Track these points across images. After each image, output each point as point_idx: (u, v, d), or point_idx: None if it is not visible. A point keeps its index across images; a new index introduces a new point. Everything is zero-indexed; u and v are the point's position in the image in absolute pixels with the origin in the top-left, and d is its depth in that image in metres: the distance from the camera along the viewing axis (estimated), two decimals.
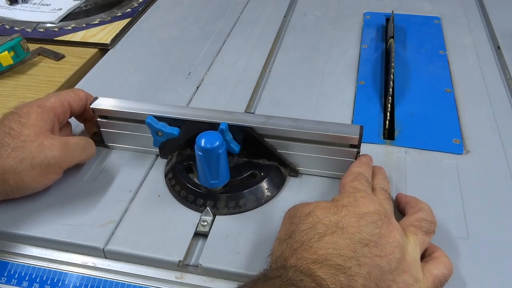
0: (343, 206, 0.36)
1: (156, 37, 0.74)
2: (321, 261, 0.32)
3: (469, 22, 0.75)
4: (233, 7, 0.82)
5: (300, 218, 0.36)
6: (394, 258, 0.33)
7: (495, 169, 0.48)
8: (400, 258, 0.34)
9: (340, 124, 0.45)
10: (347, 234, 0.34)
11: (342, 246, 0.33)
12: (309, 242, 0.33)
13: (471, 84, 0.61)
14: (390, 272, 0.33)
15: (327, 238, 0.33)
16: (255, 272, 0.34)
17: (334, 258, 0.32)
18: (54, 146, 0.42)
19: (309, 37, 0.72)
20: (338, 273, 0.31)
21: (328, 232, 0.34)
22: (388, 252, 0.34)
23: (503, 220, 0.43)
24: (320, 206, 0.36)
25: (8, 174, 0.41)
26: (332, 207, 0.36)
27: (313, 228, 0.34)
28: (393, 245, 0.34)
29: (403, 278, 0.33)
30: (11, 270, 0.41)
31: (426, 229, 0.38)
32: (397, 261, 0.33)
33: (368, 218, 0.35)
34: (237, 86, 0.61)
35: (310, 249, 0.33)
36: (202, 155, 0.41)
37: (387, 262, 0.33)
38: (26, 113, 0.44)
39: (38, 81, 0.64)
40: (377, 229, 0.34)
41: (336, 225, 0.34)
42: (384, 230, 0.35)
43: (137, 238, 0.41)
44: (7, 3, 0.83)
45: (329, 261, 0.32)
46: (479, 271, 0.39)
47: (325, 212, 0.35)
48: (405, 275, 0.34)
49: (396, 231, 0.35)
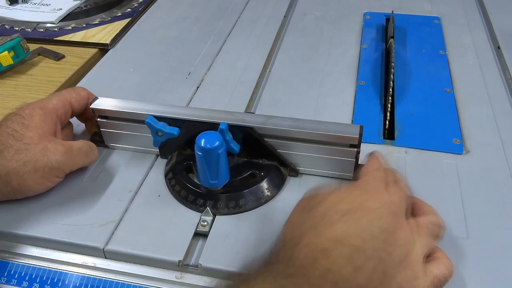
0: (357, 196, 0.36)
1: (156, 37, 0.74)
2: (329, 250, 0.32)
3: (469, 22, 0.75)
4: (233, 7, 0.82)
5: (313, 205, 0.36)
6: (399, 255, 0.33)
7: (495, 169, 0.48)
8: (405, 255, 0.34)
9: (340, 124, 0.45)
10: (358, 225, 0.33)
11: (352, 237, 0.33)
12: (319, 228, 0.33)
13: (471, 84, 0.61)
14: (393, 268, 0.33)
15: (338, 226, 0.33)
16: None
17: (343, 248, 0.32)
18: (57, 151, 0.43)
19: (309, 37, 0.72)
20: (345, 263, 0.31)
21: (341, 220, 0.34)
22: (394, 248, 0.33)
23: (503, 220, 0.43)
24: (334, 194, 0.36)
25: (11, 176, 0.41)
26: (346, 197, 0.36)
27: (325, 215, 0.34)
28: (400, 242, 0.34)
29: (404, 274, 0.33)
30: (11, 270, 0.41)
31: (435, 234, 0.38)
32: (401, 258, 0.33)
33: (380, 213, 0.35)
34: (237, 86, 0.61)
35: (320, 237, 0.33)
36: (202, 155, 0.41)
37: (392, 258, 0.33)
38: (28, 115, 0.44)
39: (38, 81, 0.64)
40: (386, 225, 0.34)
41: (348, 215, 0.34)
42: (394, 226, 0.34)
43: (137, 238, 0.41)
44: (7, 3, 0.83)
45: (337, 250, 0.32)
46: (479, 271, 0.39)
47: (338, 201, 0.35)
48: (407, 272, 0.34)
49: (405, 229, 0.35)
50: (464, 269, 0.39)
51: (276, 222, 0.42)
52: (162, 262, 0.40)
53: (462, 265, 0.39)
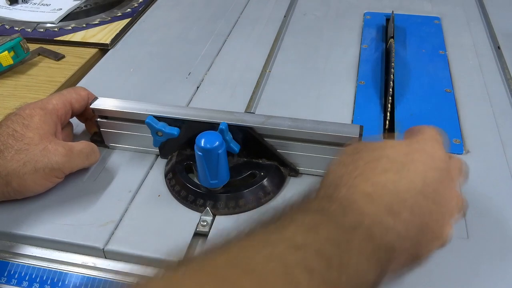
0: (416, 150, 0.34)
1: (156, 37, 0.74)
2: (374, 196, 0.31)
3: (469, 22, 0.75)
4: (233, 7, 0.82)
5: (367, 149, 0.34)
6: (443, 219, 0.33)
7: (495, 169, 0.48)
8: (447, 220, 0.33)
9: (340, 124, 0.45)
10: (410, 178, 0.32)
11: (401, 189, 0.31)
12: (370, 173, 0.32)
13: (471, 84, 0.61)
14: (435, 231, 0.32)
15: (389, 175, 0.32)
16: None
17: (389, 196, 0.31)
18: (58, 152, 0.43)
19: (309, 37, 0.72)
20: (388, 213, 0.30)
21: (393, 169, 0.32)
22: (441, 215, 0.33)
23: (503, 220, 0.43)
24: (392, 143, 0.35)
25: (11, 176, 0.41)
26: (404, 147, 0.34)
27: (377, 161, 0.33)
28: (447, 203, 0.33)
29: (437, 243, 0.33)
30: (11, 270, 0.41)
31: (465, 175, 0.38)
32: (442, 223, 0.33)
33: (437, 173, 0.33)
34: (237, 86, 0.61)
35: (368, 180, 0.32)
36: (202, 155, 0.41)
37: (436, 220, 0.32)
38: (29, 115, 0.44)
39: (38, 81, 0.64)
40: (442, 189, 0.33)
41: (402, 166, 0.32)
42: (447, 193, 0.33)
43: (137, 238, 0.41)
44: (7, 3, 0.83)
45: (383, 198, 0.31)
46: (479, 271, 0.39)
47: (395, 150, 0.34)
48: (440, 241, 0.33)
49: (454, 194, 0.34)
50: (464, 269, 0.39)
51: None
52: (162, 262, 0.40)
53: (462, 265, 0.39)
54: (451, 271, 0.38)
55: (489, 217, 0.43)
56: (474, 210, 0.44)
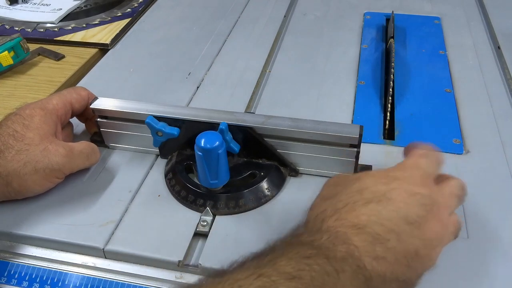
0: (396, 178, 0.35)
1: (156, 37, 0.74)
2: (360, 226, 0.32)
3: (469, 22, 0.75)
4: (233, 7, 0.82)
5: (348, 181, 0.35)
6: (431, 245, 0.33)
7: (495, 169, 0.48)
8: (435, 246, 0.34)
9: (340, 124, 0.45)
10: (393, 206, 0.33)
11: (386, 217, 0.32)
12: (353, 204, 0.33)
13: (471, 84, 0.61)
14: (422, 257, 0.33)
15: (372, 206, 0.33)
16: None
17: (375, 226, 0.32)
18: (58, 152, 0.43)
19: (309, 37, 0.72)
20: (375, 242, 0.31)
21: (375, 199, 0.33)
22: (427, 238, 0.33)
23: (503, 220, 0.43)
24: (371, 174, 0.36)
25: (12, 176, 0.41)
26: (384, 177, 0.35)
27: (359, 192, 0.34)
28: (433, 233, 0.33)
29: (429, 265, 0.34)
30: (11, 270, 0.41)
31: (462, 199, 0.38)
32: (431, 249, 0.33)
33: (419, 199, 0.33)
34: (237, 86, 0.61)
35: (352, 212, 0.33)
36: (202, 155, 0.41)
37: (423, 246, 0.33)
38: (29, 115, 0.44)
39: (38, 81, 0.64)
40: (425, 213, 0.33)
41: (383, 195, 0.33)
42: (431, 216, 0.33)
43: (137, 238, 0.41)
44: (7, 3, 0.83)
45: (369, 228, 0.31)
46: (479, 271, 0.39)
47: (375, 181, 0.35)
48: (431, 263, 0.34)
49: (440, 222, 0.34)
50: (464, 269, 0.39)
51: (276, 222, 0.42)
52: (162, 262, 0.40)
53: (462, 265, 0.39)
54: (451, 271, 0.38)
55: (489, 217, 0.43)
56: (474, 210, 0.44)
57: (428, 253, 0.33)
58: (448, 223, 0.35)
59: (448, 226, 0.35)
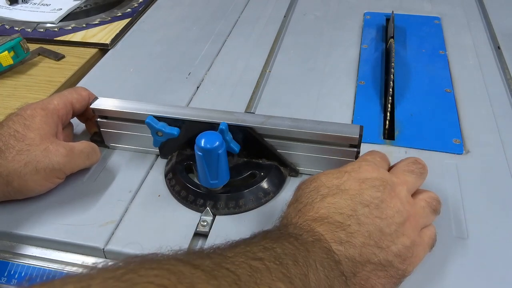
0: (346, 171, 0.38)
1: (156, 37, 0.74)
2: (321, 219, 0.34)
3: (469, 22, 0.75)
4: (233, 7, 0.82)
5: (306, 184, 0.38)
6: (394, 222, 0.35)
7: (495, 169, 0.48)
8: (400, 223, 0.35)
9: (340, 124, 0.45)
10: (348, 195, 0.36)
11: (343, 206, 0.35)
12: (312, 203, 0.36)
13: (471, 84, 0.61)
14: (390, 234, 0.34)
15: (328, 199, 0.35)
16: None
17: (335, 216, 0.34)
18: (59, 152, 0.43)
19: (309, 37, 0.72)
20: (338, 229, 0.33)
21: (330, 193, 0.36)
22: (388, 215, 0.35)
23: (503, 220, 0.43)
24: (325, 172, 0.39)
25: (12, 176, 0.41)
26: (336, 173, 0.38)
27: (315, 190, 0.37)
28: (393, 210, 0.35)
29: (402, 240, 0.35)
30: (11, 270, 0.41)
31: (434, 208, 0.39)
32: (397, 225, 0.35)
33: (370, 183, 0.36)
34: (237, 86, 0.61)
35: (312, 209, 0.35)
36: (202, 155, 0.41)
37: (387, 225, 0.35)
38: (30, 115, 0.44)
39: (38, 81, 0.64)
40: (379, 193, 0.36)
41: (337, 188, 0.36)
42: (386, 195, 0.36)
43: (137, 238, 0.41)
44: (7, 3, 0.83)
45: (330, 218, 0.34)
46: (479, 271, 0.39)
47: (328, 177, 0.38)
48: (404, 238, 0.35)
49: (398, 199, 0.36)
50: (464, 269, 0.39)
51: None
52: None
53: (462, 265, 0.39)
54: (451, 271, 0.38)
55: (489, 217, 0.43)
56: (474, 210, 0.44)
57: (395, 230, 0.35)
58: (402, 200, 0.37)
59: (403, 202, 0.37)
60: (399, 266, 0.34)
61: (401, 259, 0.34)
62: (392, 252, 0.34)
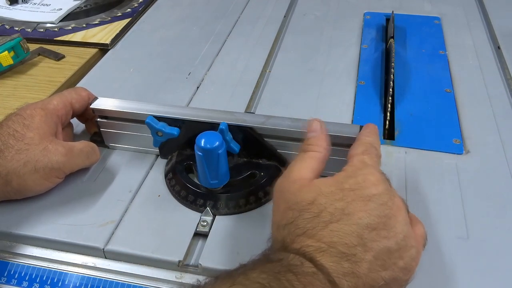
0: (350, 190, 0.34)
1: (156, 37, 0.74)
2: (324, 249, 0.31)
3: (469, 22, 0.75)
4: (233, 7, 0.82)
5: (302, 206, 0.34)
6: (402, 236, 0.33)
7: (495, 169, 0.48)
8: (406, 234, 0.33)
9: (340, 124, 0.45)
10: (354, 220, 0.32)
11: (348, 233, 0.32)
12: (312, 230, 0.32)
13: (471, 84, 0.61)
14: (397, 250, 0.32)
15: (332, 226, 0.32)
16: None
17: (338, 246, 0.31)
18: (58, 151, 0.43)
19: (309, 37, 0.72)
20: (342, 260, 0.31)
21: (334, 219, 0.32)
22: (397, 232, 0.32)
23: (503, 220, 0.43)
24: (324, 192, 0.34)
25: (12, 176, 0.41)
26: (338, 192, 0.34)
27: (317, 217, 0.33)
28: (401, 224, 0.33)
29: (409, 253, 0.33)
30: (11, 270, 0.41)
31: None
32: (404, 239, 0.33)
33: (377, 200, 0.33)
34: (237, 86, 0.61)
35: (313, 237, 0.32)
36: (202, 155, 0.41)
37: (396, 242, 0.32)
38: (29, 115, 0.44)
39: (38, 81, 0.64)
40: (387, 210, 0.33)
41: (342, 212, 0.33)
42: (394, 210, 0.33)
43: (137, 238, 0.41)
44: (7, 3, 0.83)
45: (333, 249, 0.31)
46: (479, 271, 0.39)
47: (329, 199, 0.33)
48: (411, 250, 0.33)
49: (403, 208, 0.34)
50: (464, 269, 0.39)
51: None
52: (162, 262, 0.40)
53: (462, 265, 0.39)
54: (451, 271, 0.38)
55: (489, 217, 0.43)
56: (474, 210, 0.44)
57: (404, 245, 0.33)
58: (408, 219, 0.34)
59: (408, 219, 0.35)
60: (403, 278, 0.33)
61: (406, 271, 0.33)
62: (398, 267, 0.32)
